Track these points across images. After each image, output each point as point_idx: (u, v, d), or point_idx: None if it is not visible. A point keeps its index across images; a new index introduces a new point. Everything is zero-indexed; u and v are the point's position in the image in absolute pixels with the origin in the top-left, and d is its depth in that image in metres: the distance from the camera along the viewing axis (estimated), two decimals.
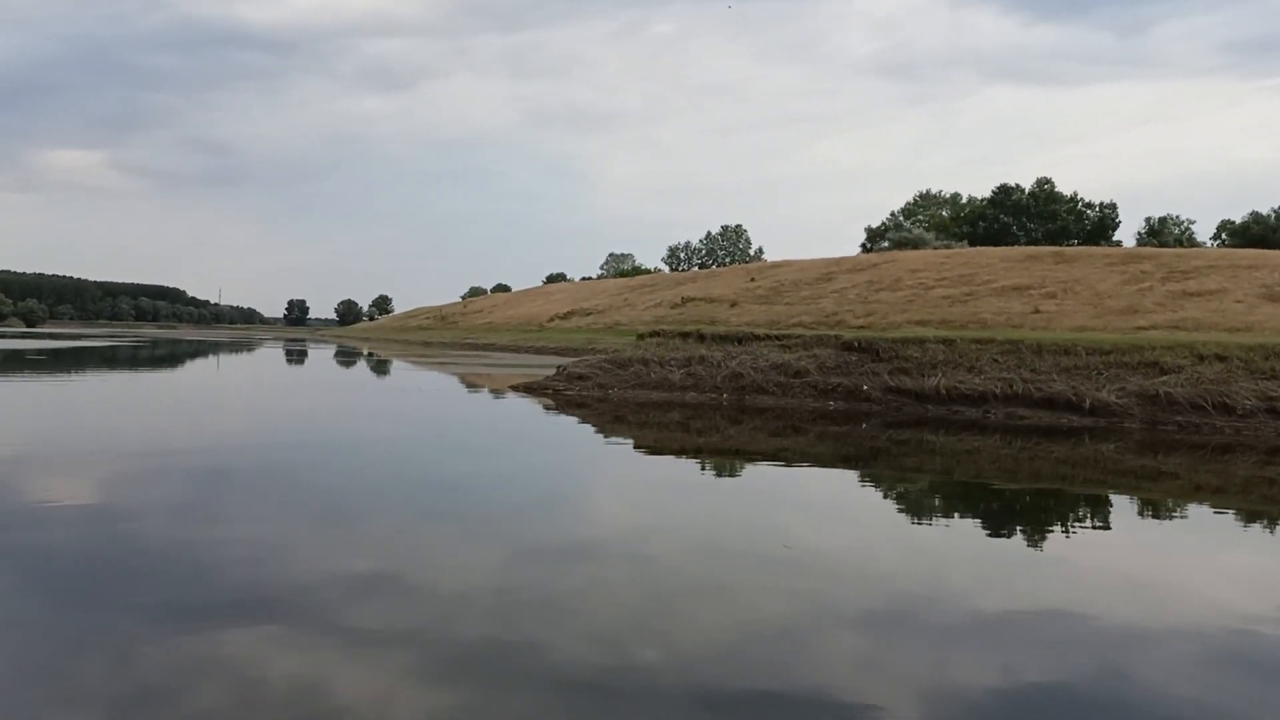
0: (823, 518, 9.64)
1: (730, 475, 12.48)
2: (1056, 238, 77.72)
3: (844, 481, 12.28)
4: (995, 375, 17.86)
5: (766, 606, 6.03)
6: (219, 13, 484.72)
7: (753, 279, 69.74)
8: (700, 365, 19.55)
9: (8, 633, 5.05)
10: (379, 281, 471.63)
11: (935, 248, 69.76)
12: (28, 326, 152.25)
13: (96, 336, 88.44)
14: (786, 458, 13.84)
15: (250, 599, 5.69)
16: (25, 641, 4.93)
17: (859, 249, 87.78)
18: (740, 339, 20.26)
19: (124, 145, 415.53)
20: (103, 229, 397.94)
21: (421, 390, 26.87)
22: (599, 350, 51.58)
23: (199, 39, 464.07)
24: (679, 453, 14.31)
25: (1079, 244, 75.81)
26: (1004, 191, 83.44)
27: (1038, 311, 45.98)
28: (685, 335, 20.77)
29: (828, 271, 65.46)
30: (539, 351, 59.46)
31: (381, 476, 10.91)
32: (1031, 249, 61.46)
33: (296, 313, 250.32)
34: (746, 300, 63.76)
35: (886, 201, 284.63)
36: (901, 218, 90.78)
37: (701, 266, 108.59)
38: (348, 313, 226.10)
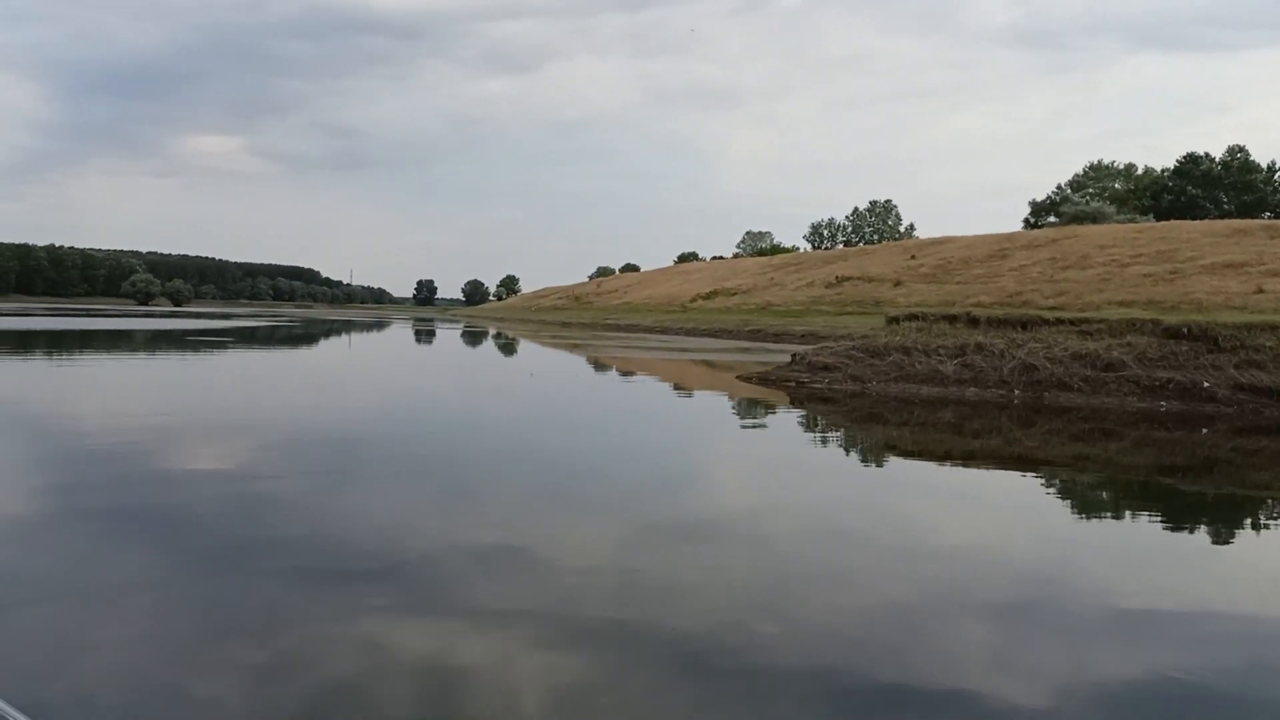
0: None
1: (1012, 485, 10.14)
2: (1253, 210, 70.26)
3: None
4: None
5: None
6: None
7: (913, 257, 65.21)
8: (978, 355, 16.07)
9: (151, 595, 5.09)
10: (503, 262, 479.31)
11: (1118, 222, 63.70)
12: (174, 305, 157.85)
13: (243, 316, 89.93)
14: (1087, 468, 11.22)
15: (382, 567, 5.71)
16: (168, 605, 4.96)
17: (1022, 224, 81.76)
18: (1024, 323, 16.63)
19: (259, 130, 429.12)
20: (240, 211, 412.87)
21: (621, 379, 24.15)
22: (768, 331, 48.31)
23: (329, 25, 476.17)
24: (942, 458, 11.84)
25: (1272, 217, 68.52)
26: (1191, 161, 75.78)
27: (1261, 291, 40.83)
28: (952, 319, 17.25)
29: (1000, 248, 60.57)
30: (690, 333, 56.55)
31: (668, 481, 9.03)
32: (1237, 222, 55.21)
33: (425, 293, 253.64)
34: (911, 279, 59.44)
35: (1027, 175, 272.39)
36: (1070, 190, 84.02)
37: (847, 244, 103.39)
38: (474, 293, 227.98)
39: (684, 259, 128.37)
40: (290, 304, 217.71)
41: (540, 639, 4.69)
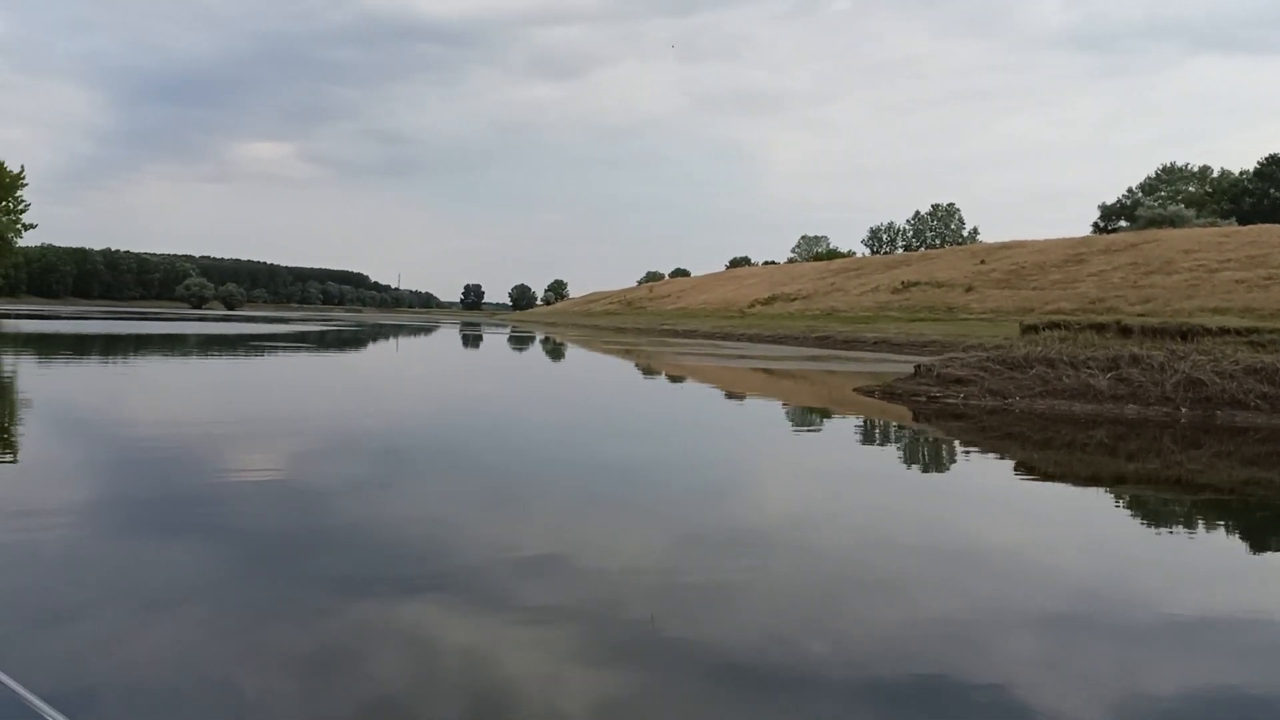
0: None
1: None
2: None
3: None
4: None
5: None
6: (398, 7, 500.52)
7: (982, 261, 63.13)
8: (1134, 368, 14.47)
9: (201, 599, 5.04)
10: (549, 266, 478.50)
11: (1199, 225, 61.14)
12: (227, 309, 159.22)
13: (296, 320, 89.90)
14: (1256, 494, 10.00)
15: (427, 573, 5.65)
16: (217, 607, 4.91)
17: (1091, 228, 79.16)
18: (1184, 333, 15.02)
19: (310, 137, 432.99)
20: (291, 217, 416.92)
21: (726, 396, 22.88)
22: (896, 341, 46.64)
23: (379, 33, 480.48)
24: (1087, 481, 10.50)
25: None
26: (1273, 163, 72.74)
27: None
28: (1100, 328, 15.69)
29: (1076, 252, 58.38)
30: (752, 339, 55.02)
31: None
32: None
33: (472, 297, 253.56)
34: (983, 285, 57.43)
35: (1085, 179, 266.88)
36: (1141, 194, 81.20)
37: (908, 249, 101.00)
38: (521, 297, 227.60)
39: (736, 264, 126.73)
40: (340, 308, 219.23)
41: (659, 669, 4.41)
